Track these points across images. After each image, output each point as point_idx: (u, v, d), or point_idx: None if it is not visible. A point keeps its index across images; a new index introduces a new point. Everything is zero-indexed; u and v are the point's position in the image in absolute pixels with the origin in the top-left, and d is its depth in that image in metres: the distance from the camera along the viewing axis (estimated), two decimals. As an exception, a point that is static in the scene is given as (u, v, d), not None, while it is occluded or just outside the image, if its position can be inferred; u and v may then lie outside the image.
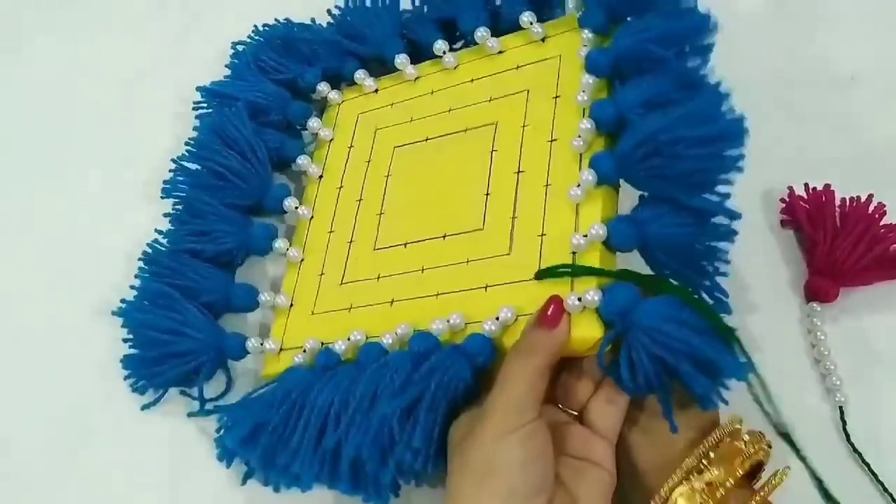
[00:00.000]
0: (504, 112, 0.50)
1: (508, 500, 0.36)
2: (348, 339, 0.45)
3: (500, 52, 0.53)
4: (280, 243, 0.52)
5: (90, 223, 0.60)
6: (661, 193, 0.40)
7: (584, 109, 0.45)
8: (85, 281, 0.56)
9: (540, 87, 0.49)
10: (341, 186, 0.54)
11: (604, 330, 0.38)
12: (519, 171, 0.46)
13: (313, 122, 0.58)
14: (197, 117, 0.60)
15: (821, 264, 0.50)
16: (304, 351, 0.46)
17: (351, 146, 0.56)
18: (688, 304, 0.37)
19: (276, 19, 0.63)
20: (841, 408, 0.46)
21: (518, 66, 0.51)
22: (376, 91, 0.58)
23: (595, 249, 0.41)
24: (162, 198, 0.55)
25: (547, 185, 0.45)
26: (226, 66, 0.63)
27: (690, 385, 0.36)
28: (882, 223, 0.50)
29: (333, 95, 0.59)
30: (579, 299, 0.39)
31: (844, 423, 0.45)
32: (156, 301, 0.50)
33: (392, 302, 0.46)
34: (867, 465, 0.44)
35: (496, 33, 0.54)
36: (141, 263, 0.53)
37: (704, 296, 0.42)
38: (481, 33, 0.54)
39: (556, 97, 0.48)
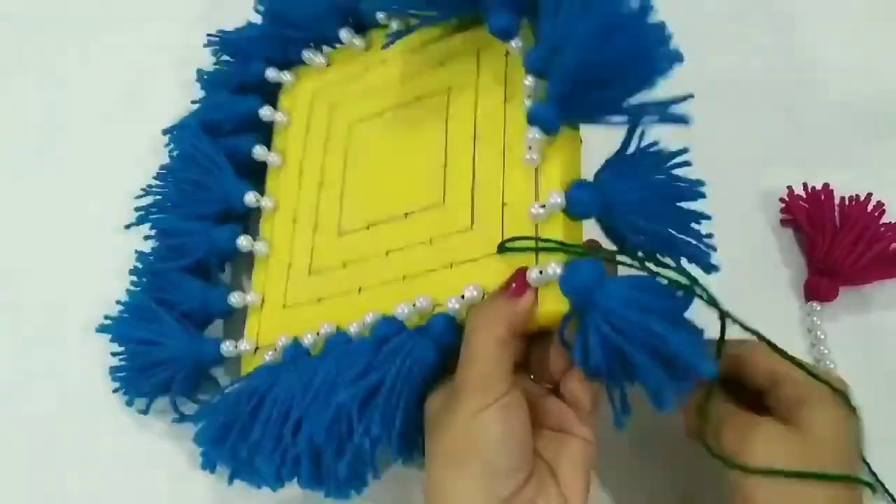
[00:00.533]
0: (455, 77, 0.46)
1: (489, 479, 0.34)
2: (317, 333, 0.43)
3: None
4: (242, 240, 0.50)
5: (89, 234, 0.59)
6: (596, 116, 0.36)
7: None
8: (78, 297, 0.56)
9: (491, 47, 0.44)
10: (301, 171, 0.51)
11: (569, 305, 0.35)
12: (475, 138, 0.43)
13: (264, 111, 0.54)
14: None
15: (820, 263, 0.50)
16: (276, 349, 0.44)
17: (308, 128, 0.52)
18: (654, 277, 0.34)
19: (207, 35, 0.60)
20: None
21: (471, 28, 0.47)
22: (328, 66, 0.54)
23: (556, 219, 0.37)
24: (135, 225, 0.55)
25: (504, 150, 0.41)
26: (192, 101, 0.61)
27: (644, 378, 0.33)
28: (881, 222, 0.50)
29: (286, 76, 0.55)
30: (541, 272, 0.36)
31: None
32: (137, 314, 0.50)
33: (360, 290, 0.43)
34: (867, 464, 0.44)
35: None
36: (132, 277, 0.53)
37: (686, 263, 0.38)
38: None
39: (507, 54, 0.44)
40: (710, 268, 0.38)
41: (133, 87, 0.66)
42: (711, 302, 0.35)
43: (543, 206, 0.37)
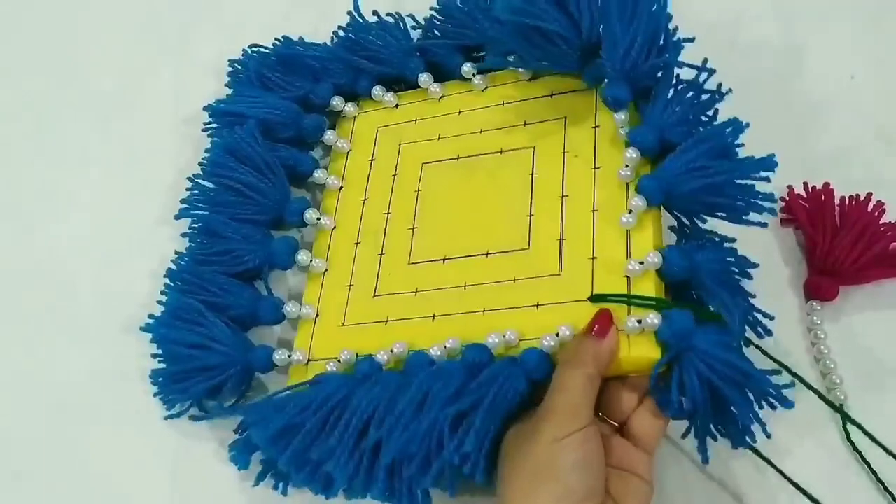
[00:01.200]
0: (541, 137, 0.51)
1: (564, 500, 0.37)
2: (391, 351, 0.46)
3: (532, 79, 0.55)
4: (302, 255, 0.52)
5: (106, 243, 0.60)
6: (704, 211, 0.45)
7: (625, 142, 0.47)
8: (111, 297, 0.57)
9: (577, 116, 0.51)
10: (366, 198, 0.54)
11: (661, 352, 0.41)
12: (563, 196, 0.48)
13: (329, 135, 0.58)
14: (209, 136, 0.60)
15: (820, 263, 0.50)
16: (340, 361, 0.47)
17: (372, 159, 0.56)
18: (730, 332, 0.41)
19: (276, 39, 0.63)
20: (841, 405, 0.46)
21: (552, 94, 0.53)
22: (396, 106, 0.58)
23: (650, 276, 0.43)
24: (177, 218, 0.56)
25: (594, 211, 0.47)
26: (226, 84, 0.62)
27: (737, 412, 0.39)
28: (881, 222, 0.50)
29: (350, 108, 0.59)
30: (639, 322, 0.41)
31: (845, 422, 0.46)
32: (182, 316, 0.50)
33: (434, 317, 0.47)
34: (867, 464, 0.45)
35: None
36: (166, 280, 0.53)
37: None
38: (512, 59, 0.54)
39: (595, 127, 0.50)
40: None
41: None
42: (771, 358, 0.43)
43: (641, 263, 0.43)
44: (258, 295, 0.52)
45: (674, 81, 0.47)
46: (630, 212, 0.44)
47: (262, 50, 0.63)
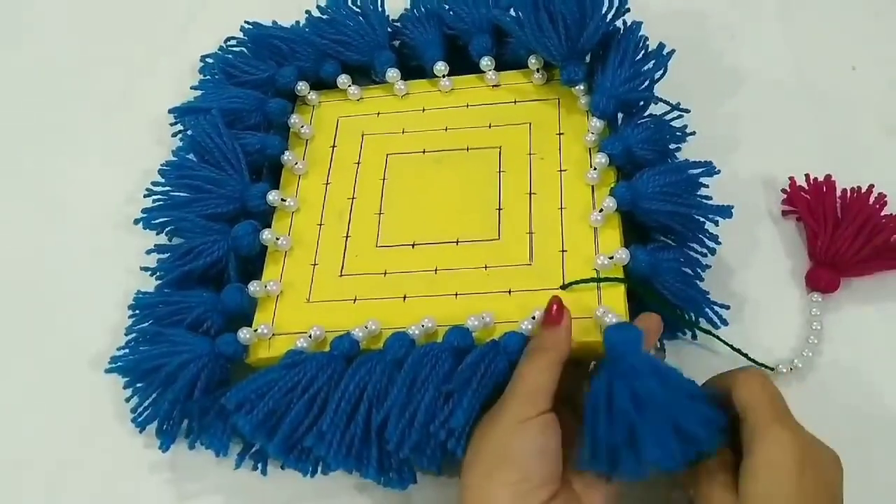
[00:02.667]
0: (507, 139, 0.55)
1: (519, 486, 0.37)
2: (366, 328, 0.47)
3: (496, 86, 0.58)
4: (268, 234, 0.52)
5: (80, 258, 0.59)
6: (667, 221, 0.48)
7: (590, 149, 0.52)
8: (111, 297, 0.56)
9: (542, 123, 0.55)
10: (328, 182, 0.56)
11: (598, 336, 0.43)
12: (531, 193, 0.52)
13: (294, 119, 0.58)
14: (177, 137, 0.60)
15: (822, 254, 0.50)
16: (311, 337, 0.47)
17: (334, 146, 0.58)
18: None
19: (245, 21, 0.63)
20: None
21: (516, 101, 0.57)
22: (360, 99, 0.60)
23: (617, 271, 0.47)
24: (144, 228, 0.54)
25: (562, 208, 0.50)
26: (191, 87, 0.61)
27: (646, 446, 0.36)
28: (882, 213, 0.50)
29: (312, 96, 0.60)
30: (603, 312, 0.44)
31: None
32: (146, 340, 0.50)
33: (405, 297, 0.49)
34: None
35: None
36: (130, 311, 0.52)
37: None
38: (486, 62, 0.58)
39: (560, 134, 0.54)
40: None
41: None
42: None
43: (611, 258, 0.46)
44: (215, 292, 0.50)
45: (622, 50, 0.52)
46: (601, 210, 0.48)
47: (235, 39, 0.63)
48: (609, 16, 0.52)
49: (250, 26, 0.62)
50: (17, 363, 0.55)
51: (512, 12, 0.56)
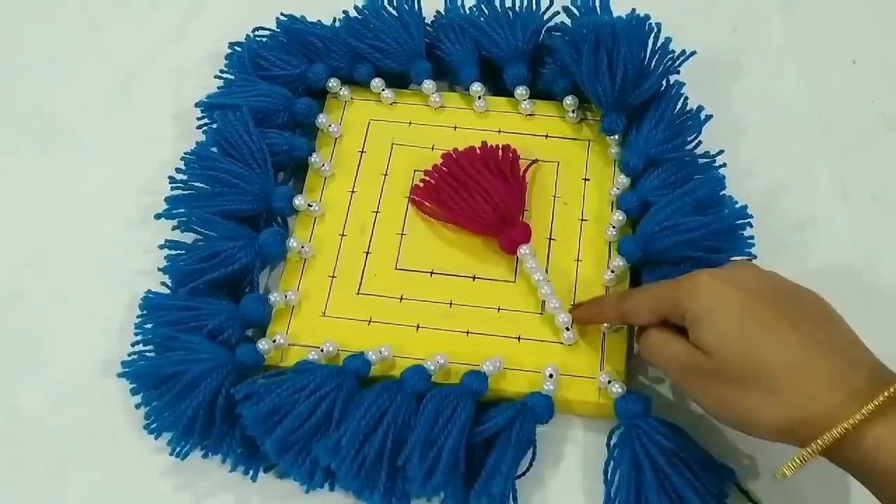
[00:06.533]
0: (535, 176, 0.55)
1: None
2: (380, 352, 0.48)
3: (531, 115, 0.58)
4: (294, 242, 0.52)
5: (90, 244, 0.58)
6: (679, 260, 0.49)
7: (612, 202, 0.53)
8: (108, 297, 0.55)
9: (570, 163, 0.55)
10: (354, 190, 0.55)
11: (598, 398, 0.47)
12: (551, 238, 0.52)
13: (322, 118, 0.57)
14: (203, 132, 0.58)
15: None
16: (323, 351, 0.48)
17: (363, 151, 0.57)
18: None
19: (281, 14, 0.61)
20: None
21: (547, 136, 0.57)
22: (393, 104, 0.59)
23: (622, 330, 0.49)
24: (157, 217, 0.53)
25: (578, 260, 0.51)
26: (215, 75, 0.60)
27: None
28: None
29: (344, 92, 0.59)
30: (609, 381, 0.47)
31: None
32: (159, 345, 0.49)
33: (418, 327, 0.50)
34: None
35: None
36: (140, 311, 0.50)
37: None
38: (521, 91, 0.57)
39: (586, 180, 0.54)
40: None
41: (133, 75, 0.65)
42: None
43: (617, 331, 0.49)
44: (235, 302, 0.50)
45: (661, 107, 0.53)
46: (612, 271, 0.50)
47: (265, 30, 0.61)
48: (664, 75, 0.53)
49: (285, 19, 0.61)
50: (22, 363, 0.53)
51: (565, 40, 0.55)
